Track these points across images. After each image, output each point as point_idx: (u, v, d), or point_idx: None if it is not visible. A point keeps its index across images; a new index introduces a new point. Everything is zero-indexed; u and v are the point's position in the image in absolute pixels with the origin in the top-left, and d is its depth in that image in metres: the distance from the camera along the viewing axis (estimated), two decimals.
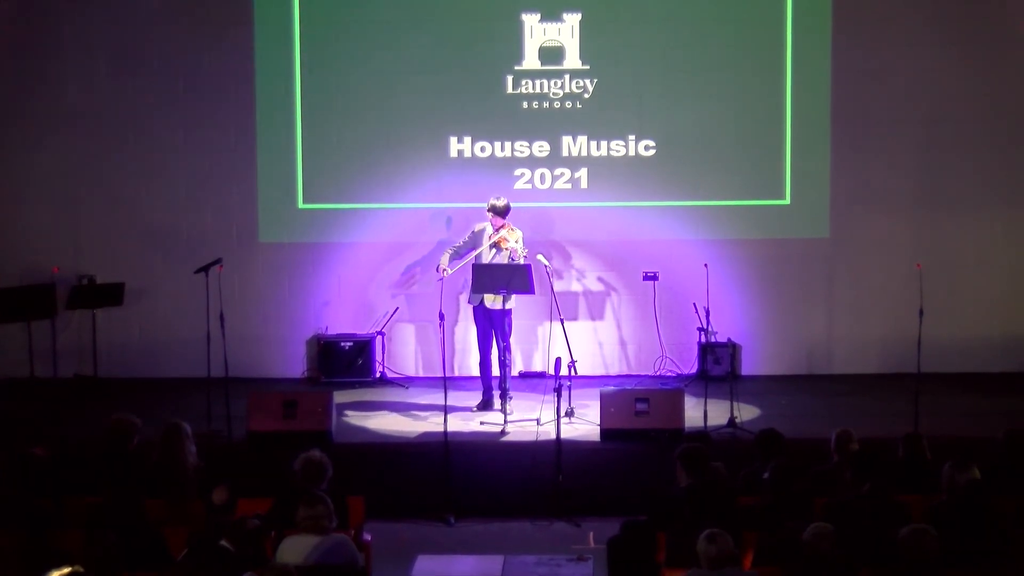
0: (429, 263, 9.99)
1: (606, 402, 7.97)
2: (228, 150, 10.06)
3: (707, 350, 9.68)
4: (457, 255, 8.82)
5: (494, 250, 8.71)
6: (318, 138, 10.05)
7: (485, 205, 8.82)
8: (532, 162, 10.08)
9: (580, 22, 9.96)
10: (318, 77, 9.99)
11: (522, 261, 8.54)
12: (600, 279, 10.20)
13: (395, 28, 9.96)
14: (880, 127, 10.06)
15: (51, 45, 10.00)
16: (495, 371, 8.81)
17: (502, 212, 8.75)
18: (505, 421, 8.24)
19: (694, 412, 8.23)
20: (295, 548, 5.48)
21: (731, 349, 9.55)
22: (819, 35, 9.92)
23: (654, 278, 9.89)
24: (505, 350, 8.53)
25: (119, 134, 10.07)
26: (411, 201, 10.06)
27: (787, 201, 10.07)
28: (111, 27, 9.98)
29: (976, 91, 10.02)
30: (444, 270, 8.65)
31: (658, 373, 10.03)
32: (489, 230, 8.79)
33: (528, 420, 8.32)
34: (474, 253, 8.73)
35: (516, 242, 8.63)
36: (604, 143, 10.07)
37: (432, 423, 8.39)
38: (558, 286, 9.51)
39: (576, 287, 10.18)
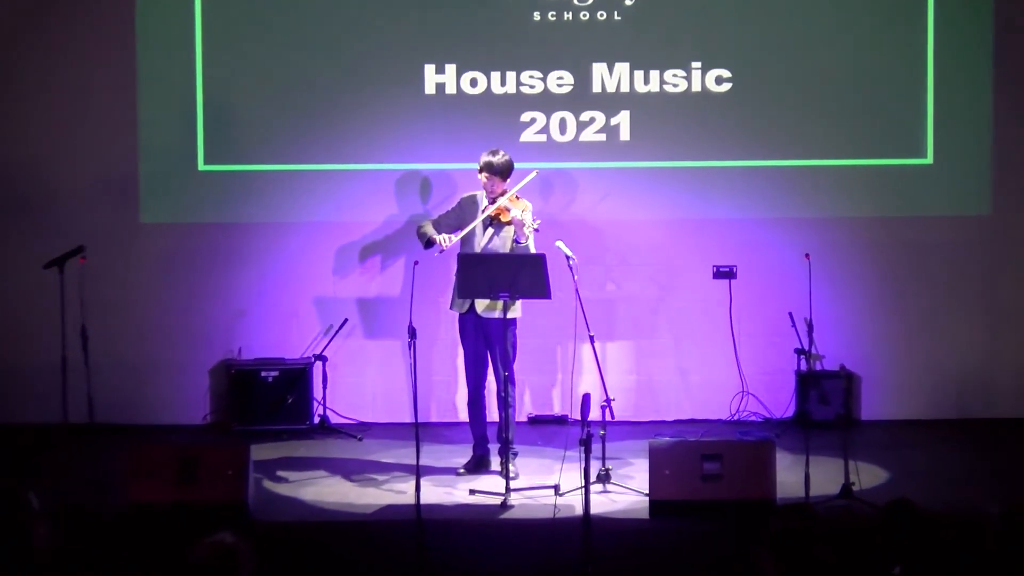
0: (393, 250, 10.01)
1: (659, 460, 7.96)
2: (96, 89, 10.08)
3: (809, 383, 9.68)
4: (443, 228, 8.79)
5: (491, 230, 8.71)
6: (227, 68, 10.06)
7: (476, 165, 8.80)
8: (548, 102, 10.08)
9: None
10: None
11: (533, 248, 8.54)
12: (649, 277, 10.22)
13: None
14: None
15: None
16: (492, 414, 8.80)
17: (502, 173, 8.71)
18: (508, 489, 8.23)
19: (790, 475, 8.23)
20: None
21: (845, 381, 9.52)
22: None
23: (730, 275, 9.91)
24: (508, 382, 8.53)
25: None
26: (367, 160, 10.08)
27: (928, 160, 10.11)
28: None
29: None
30: (443, 240, 8.63)
31: (736, 417, 10.07)
32: (481, 202, 8.78)
33: (542, 488, 8.32)
34: (463, 232, 8.73)
35: (523, 216, 8.61)
36: (654, 74, 10.07)
37: (398, 491, 8.38)
38: (586, 287, 9.51)
39: (612, 288, 10.19)
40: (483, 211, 8.70)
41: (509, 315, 8.46)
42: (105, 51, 10.07)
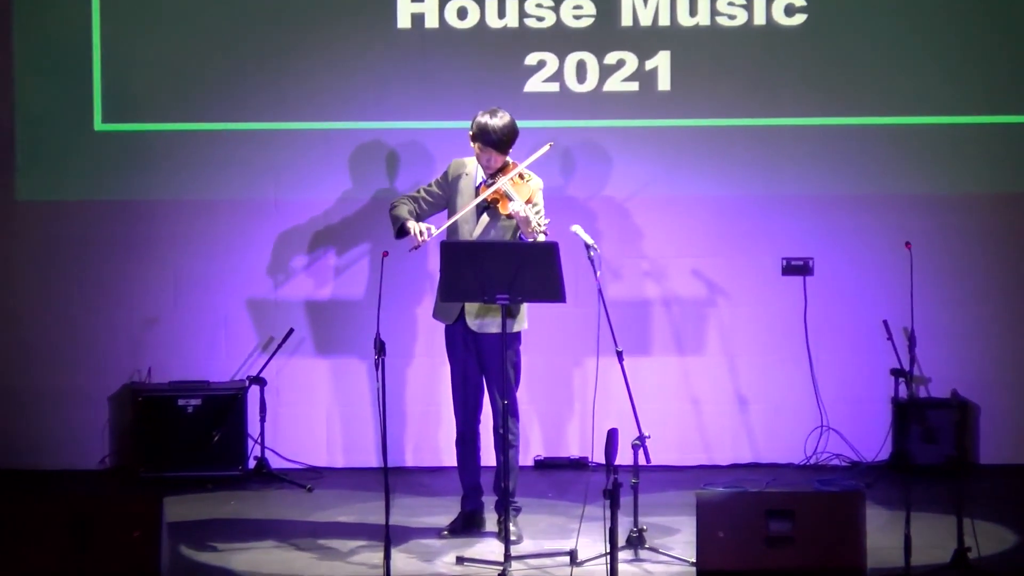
0: (355, 237, 10.03)
1: (709, 518, 7.92)
2: None
3: (910, 414, 9.70)
4: (421, 214, 8.75)
5: (486, 218, 8.67)
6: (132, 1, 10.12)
7: (467, 127, 8.75)
8: (560, 40, 10.08)
9: None
10: None
11: (543, 237, 8.50)
12: (695, 272, 10.21)
13: None
14: None
15: None
16: (488, 456, 8.80)
17: (501, 144, 8.66)
18: (507, 557, 8.19)
19: (884, 537, 8.22)
20: None
21: (957, 413, 9.52)
22: None
23: (804, 271, 9.96)
24: (508, 414, 8.49)
25: None
26: (318, 118, 10.10)
27: None
28: None
29: None
30: (419, 232, 8.55)
31: (813, 460, 10.10)
32: (476, 175, 8.75)
33: (553, 555, 8.31)
34: (450, 221, 8.68)
35: (530, 201, 8.57)
36: (703, 1, 10.06)
37: (362, 560, 8.38)
38: (612, 287, 9.44)
39: (649, 289, 10.20)
40: (476, 192, 8.63)
41: (513, 327, 8.49)
42: None
